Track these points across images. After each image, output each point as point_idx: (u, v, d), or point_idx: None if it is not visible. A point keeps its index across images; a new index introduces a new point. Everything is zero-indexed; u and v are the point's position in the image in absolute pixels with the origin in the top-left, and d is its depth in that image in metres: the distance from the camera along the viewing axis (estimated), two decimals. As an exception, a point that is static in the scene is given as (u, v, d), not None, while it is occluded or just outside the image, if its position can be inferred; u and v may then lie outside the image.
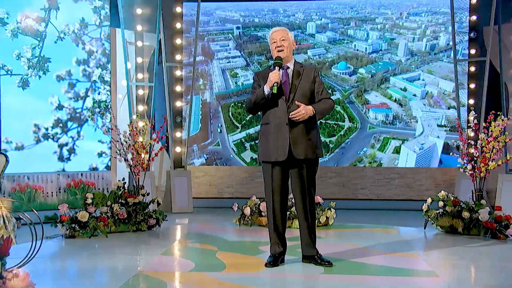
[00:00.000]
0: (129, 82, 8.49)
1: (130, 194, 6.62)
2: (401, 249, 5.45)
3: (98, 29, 8.18)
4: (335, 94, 9.34)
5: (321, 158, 4.67)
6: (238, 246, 5.74)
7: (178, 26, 9.42)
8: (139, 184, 7.13)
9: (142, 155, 7.18)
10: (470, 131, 7.30)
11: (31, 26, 7.43)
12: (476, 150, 6.58)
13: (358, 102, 9.38)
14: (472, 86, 8.75)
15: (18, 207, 5.59)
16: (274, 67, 4.47)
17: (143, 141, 7.18)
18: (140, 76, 8.88)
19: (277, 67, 4.44)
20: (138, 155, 7.14)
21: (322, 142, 5.48)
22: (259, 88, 4.55)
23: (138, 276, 4.31)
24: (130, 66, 8.66)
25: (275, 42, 4.56)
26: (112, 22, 8.33)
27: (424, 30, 9.39)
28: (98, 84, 8.17)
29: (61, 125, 7.79)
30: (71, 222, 6.01)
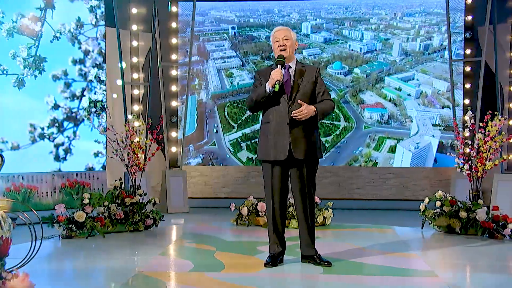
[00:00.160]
0: (124, 81, 8.46)
1: (127, 194, 6.61)
2: (399, 249, 5.46)
3: (94, 28, 8.14)
4: (331, 94, 9.32)
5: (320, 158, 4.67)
6: (236, 246, 5.74)
7: (173, 26, 9.39)
8: (136, 184, 7.11)
9: (138, 155, 7.16)
10: (467, 131, 7.32)
11: (27, 26, 7.39)
12: (473, 150, 6.61)
13: (353, 102, 9.40)
14: (467, 86, 8.79)
15: (17, 207, 5.55)
16: (276, 66, 4.44)
17: (139, 141, 7.16)
18: (135, 76, 8.86)
19: (279, 66, 4.42)
20: (135, 155, 7.12)
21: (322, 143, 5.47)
22: (261, 86, 4.54)
23: (138, 276, 4.31)
24: (125, 65, 8.62)
25: (278, 41, 4.53)
26: (107, 22, 8.29)
27: (418, 31, 9.42)
28: (94, 83, 8.13)
29: (57, 124, 7.75)
30: (68, 223, 5.99)
